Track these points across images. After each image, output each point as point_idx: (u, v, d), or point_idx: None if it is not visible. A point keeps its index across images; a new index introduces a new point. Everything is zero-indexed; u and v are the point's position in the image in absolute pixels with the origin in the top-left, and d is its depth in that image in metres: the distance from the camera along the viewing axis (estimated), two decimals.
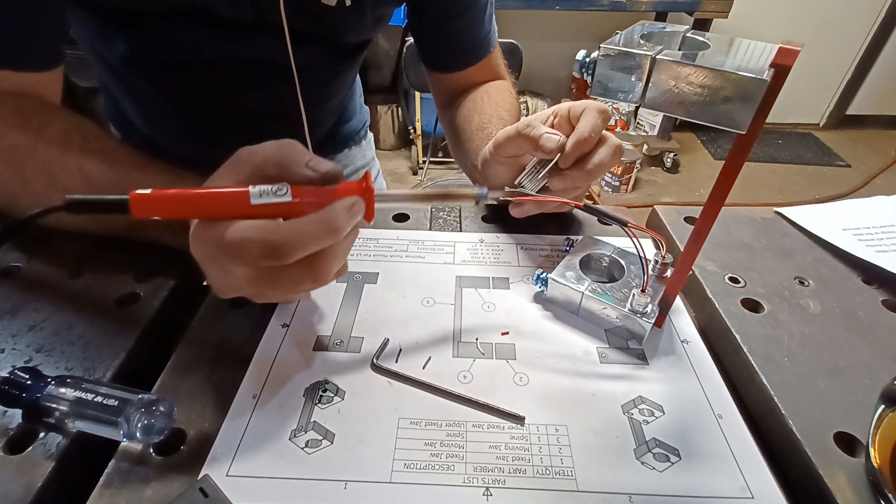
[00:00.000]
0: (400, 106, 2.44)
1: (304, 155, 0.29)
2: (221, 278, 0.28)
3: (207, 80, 0.54)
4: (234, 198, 0.27)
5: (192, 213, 0.28)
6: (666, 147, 2.49)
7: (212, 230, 0.26)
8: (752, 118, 0.24)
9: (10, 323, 0.34)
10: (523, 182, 0.41)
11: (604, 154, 0.40)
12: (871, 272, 0.41)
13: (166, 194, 0.27)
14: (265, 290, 0.29)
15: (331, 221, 0.26)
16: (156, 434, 0.27)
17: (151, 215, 0.27)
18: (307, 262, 0.28)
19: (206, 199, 0.27)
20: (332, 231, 0.26)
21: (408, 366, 0.33)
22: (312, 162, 0.29)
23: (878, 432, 0.26)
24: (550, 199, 0.40)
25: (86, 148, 0.38)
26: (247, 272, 0.28)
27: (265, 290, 0.29)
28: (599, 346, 0.35)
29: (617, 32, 0.27)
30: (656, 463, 0.28)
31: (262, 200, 0.27)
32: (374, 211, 0.29)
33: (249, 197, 0.27)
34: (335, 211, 0.27)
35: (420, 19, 0.61)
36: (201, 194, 0.27)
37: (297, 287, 0.29)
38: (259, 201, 0.27)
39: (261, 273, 0.28)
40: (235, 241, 0.26)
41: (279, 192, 0.27)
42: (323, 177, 0.28)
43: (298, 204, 0.27)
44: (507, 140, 0.42)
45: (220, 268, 0.28)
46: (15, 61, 0.41)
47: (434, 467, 0.27)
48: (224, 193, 0.27)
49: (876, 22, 2.60)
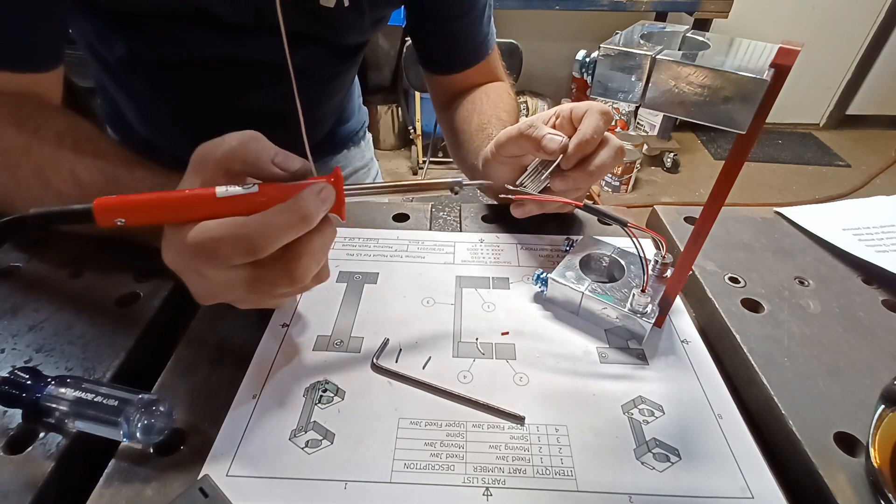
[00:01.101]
0: (400, 106, 2.44)
1: (270, 150, 0.28)
2: (199, 284, 0.28)
3: (206, 82, 0.54)
4: (200, 198, 0.26)
5: (157, 217, 0.27)
6: (666, 147, 2.49)
7: (180, 234, 0.26)
8: (752, 118, 0.24)
9: (10, 323, 0.34)
10: (525, 182, 0.41)
11: (606, 156, 0.40)
12: (871, 272, 0.41)
13: (129, 200, 0.27)
14: (243, 294, 0.29)
15: (300, 209, 0.26)
16: (156, 434, 0.27)
17: (116, 222, 0.27)
18: (282, 262, 0.27)
19: (171, 202, 0.26)
20: (303, 218, 0.26)
21: (408, 366, 0.33)
22: (279, 158, 0.28)
23: (878, 432, 0.26)
24: (551, 198, 0.40)
25: (78, 149, 0.38)
26: (223, 275, 0.27)
27: (243, 294, 0.29)
28: (599, 346, 0.35)
29: (617, 32, 0.27)
30: (656, 463, 0.28)
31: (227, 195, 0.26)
32: (343, 200, 0.29)
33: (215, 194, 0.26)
34: (303, 198, 0.26)
35: (419, 21, 0.61)
36: (166, 198, 0.26)
37: (275, 289, 0.28)
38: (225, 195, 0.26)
39: (236, 275, 0.27)
40: (204, 240, 0.25)
41: (246, 187, 0.26)
42: (292, 175, 0.28)
43: (266, 199, 0.26)
44: (508, 140, 0.42)
45: (195, 273, 0.27)
46: (15, 63, 0.41)
47: (434, 467, 0.27)
48: (189, 195, 0.26)
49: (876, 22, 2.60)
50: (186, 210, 0.26)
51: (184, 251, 0.26)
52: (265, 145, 0.28)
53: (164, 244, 0.27)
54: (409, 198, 0.32)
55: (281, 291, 0.29)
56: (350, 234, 0.45)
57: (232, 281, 0.27)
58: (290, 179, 0.28)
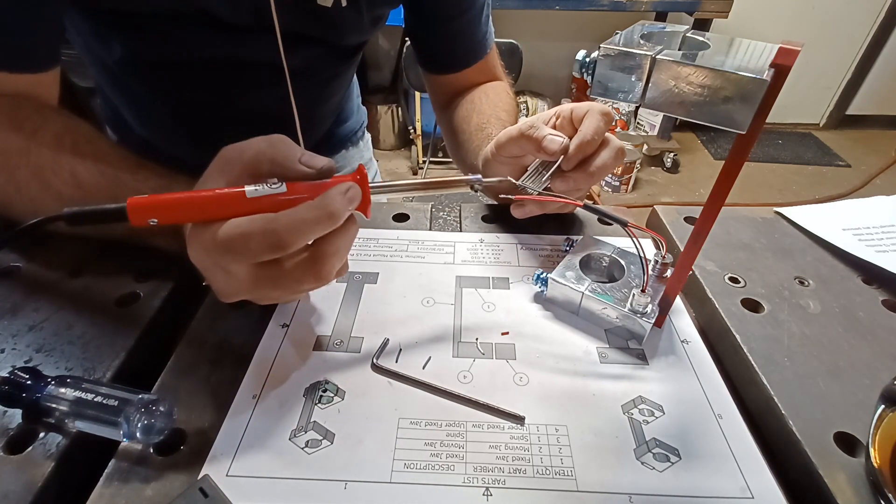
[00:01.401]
0: (400, 106, 2.44)
1: (296, 150, 0.29)
2: (223, 280, 0.28)
3: (206, 82, 0.54)
4: (231, 197, 0.27)
5: (189, 216, 0.28)
6: (666, 147, 2.49)
7: (208, 231, 0.26)
8: (752, 118, 0.24)
9: (10, 323, 0.34)
10: (526, 183, 0.41)
11: (606, 157, 0.40)
12: (871, 272, 0.41)
13: (163, 199, 0.27)
14: (268, 291, 0.29)
15: (327, 206, 0.26)
16: (156, 434, 0.27)
17: (149, 222, 0.27)
18: (308, 260, 0.28)
19: (203, 201, 0.27)
20: (330, 215, 0.26)
21: (408, 366, 0.33)
22: (306, 157, 0.29)
23: (878, 432, 0.26)
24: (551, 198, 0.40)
25: (77, 151, 0.38)
26: (248, 272, 0.28)
27: (268, 291, 0.29)
28: (599, 346, 0.35)
29: (617, 32, 0.27)
30: (656, 463, 0.28)
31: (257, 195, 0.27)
32: (369, 199, 0.29)
33: (245, 194, 0.27)
34: (331, 196, 0.27)
35: (417, 20, 0.61)
36: (198, 197, 0.27)
37: (300, 286, 0.29)
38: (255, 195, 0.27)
39: (262, 272, 0.28)
40: (234, 236, 0.26)
41: (274, 186, 0.27)
42: (319, 172, 0.29)
43: (293, 198, 0.27)
44: (509, 140, 0.42)
45: (221, 269, 0.28)
46: (12, 63, 0.41)
47: (434, 467, 0.27)
48: (221, 194, 0.27)
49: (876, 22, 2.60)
50: (217, 209, 0.27)
51: (212, 248, 0.26)
52: (292, 145, 0.29)
53: (190, 242, 0.28)
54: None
55: (305, 288, 0.29)
56: None
57: (258, 277, 0.28)
58: (315, 177, 0.29)
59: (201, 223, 0.27)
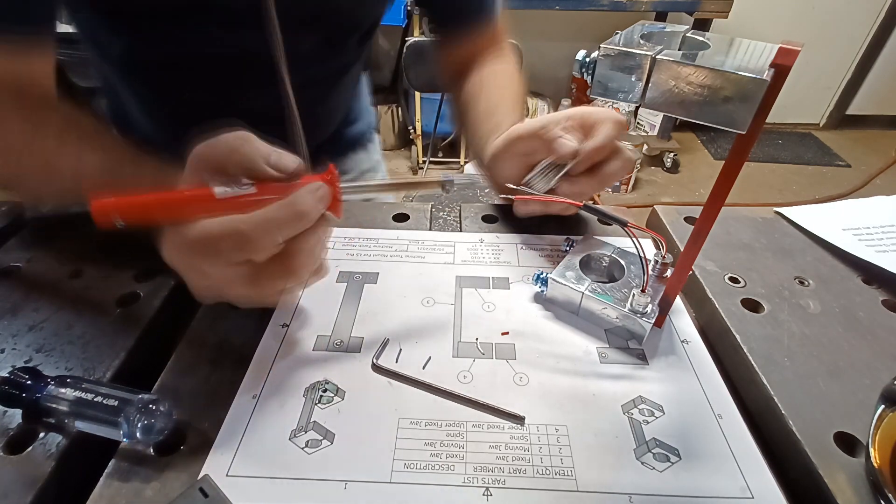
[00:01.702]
0: (400, 106, 2.44)
1: (263, 150, 0.28)
2: (200, 281, 0.29)
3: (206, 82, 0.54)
4: (199, 198, 0.27)
5: (156, 217, 0.27)
6: (666, 147, 2.49)
7: (180, 233, 0.26)
8: (752, 118, 0.23)
9: (10, 323, 0.34)
10: (532, 182, 0.41)
11: (616, 166, 0.41)
12: (871, 272, 0.41)
13: (128, 200, 0.27)
14: (244, 291, 0.29)
15: (297, 206, 0.26)
16: (156, 434, 0.27)
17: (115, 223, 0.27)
18: (280, 258, 0.28)
19: (167, 202, 0.27)
20: (299, 215, 0.26)
21: (408, 366, 0.33)
22: (273, 158, 0.28)
23: (878, 432, 0.26)
24: (552, 198, 0.40)
25: (82, 144, 0.38)
26: (222, 273, 0.28)
27: (244, 291, 0.29)
28: (599, 346, 0.35)
29: (617, 32, 0.27)
30: (656, 463, 0.28)
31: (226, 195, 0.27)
32: (340, 200, 0.29)
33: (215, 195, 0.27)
34: (300, 196, 0.27)
35: None
36: (162, 198, 0.27)
37: (273, 284, 0.29)
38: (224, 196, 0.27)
39: (235, 272, 0.28)
40: (204, 237, 0.26)
41: (244, 186, 0.27)
42: (289, 176, 0.28)
43: (263, 199, 0.27)
44: (520, 138, 0.42)
45: (195, 271, 0.28)
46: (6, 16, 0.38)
47: (434, 467, 0.27)
48: (189, 195, 0.27)
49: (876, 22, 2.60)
50: (185, 210, 0.27)
51: (184, 249, 0.26)
52: (257, 147, 0.29)
53: (165, 243, 0.28)
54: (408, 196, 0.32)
55: (279, 287, 0.29)
56: (350, 234, 0.45)
57: (231, 277, 0.28)
58: (286, 179, 0.28)
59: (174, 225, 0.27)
